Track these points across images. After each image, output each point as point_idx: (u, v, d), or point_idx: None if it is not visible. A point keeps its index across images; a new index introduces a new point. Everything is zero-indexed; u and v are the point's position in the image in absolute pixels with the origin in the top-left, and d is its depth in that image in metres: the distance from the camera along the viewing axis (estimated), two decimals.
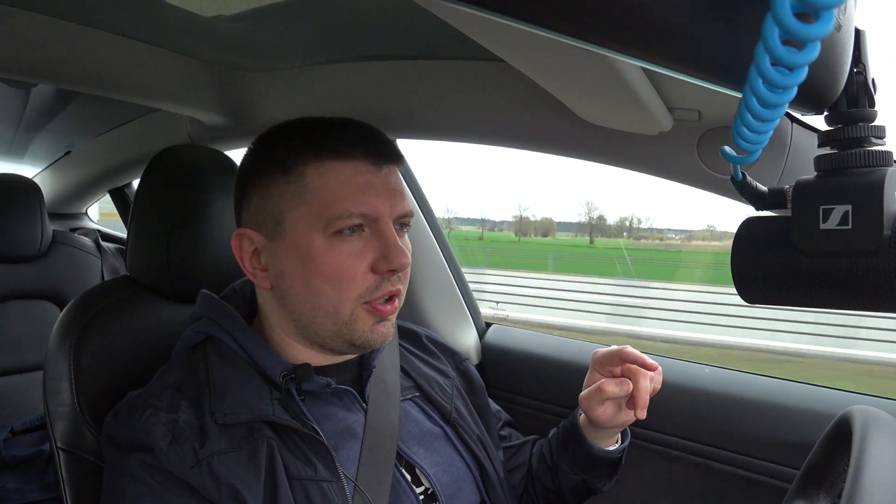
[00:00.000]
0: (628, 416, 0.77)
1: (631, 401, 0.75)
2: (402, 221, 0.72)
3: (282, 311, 0.72)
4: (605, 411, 0.77)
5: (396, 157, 0.72)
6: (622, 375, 0.77)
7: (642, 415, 0.73)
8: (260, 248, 0.71)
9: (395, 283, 0.70)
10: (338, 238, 0.67)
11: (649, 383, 0.75)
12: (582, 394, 0.79)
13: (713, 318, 6.69)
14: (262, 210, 0.70)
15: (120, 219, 2.17)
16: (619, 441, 0.85)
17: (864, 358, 4.59)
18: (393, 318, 0.72)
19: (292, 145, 0.69)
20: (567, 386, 1.18)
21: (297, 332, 0.72)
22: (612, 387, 0.74)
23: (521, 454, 0.93)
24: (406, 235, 0.74)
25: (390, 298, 0.70)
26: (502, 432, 0.94)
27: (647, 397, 0.74)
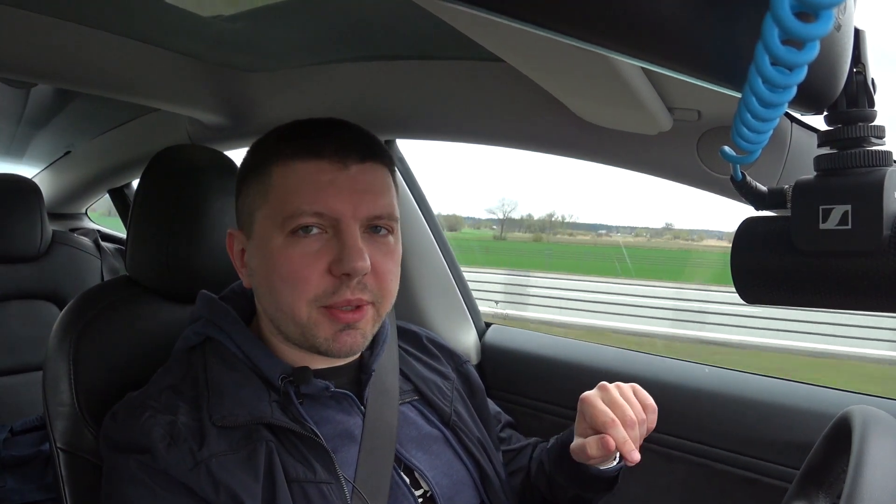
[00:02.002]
0: None
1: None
2: (377, 224, 0.69)
3: (262, 311, 0.73)
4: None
5: (372, 156, 0.69)
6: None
7: (634, 458, 0.68)
8: (244, 248, 0.73)
9: (356, 292, 0.66)
10: (294, 238, 0.66)
11: (627, 433, 0.69)
12: (573, 445, 0.75)
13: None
14: (244, 210, 0.72)
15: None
16: (616, 459, 0.78)
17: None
18: (363, 327, 0.68)
19: (270, 146, 0.70)
20: (567, 386, 1.18)
21: (279, 333, 0.72)
22: (594, 451, 0.70)
23: (520, 458, 0.92)
24: (390, 238, 0.71)
25: (358, 308, 0.67)
26: (502, 434, 0.94)
27: (630, 445, 0.68)
